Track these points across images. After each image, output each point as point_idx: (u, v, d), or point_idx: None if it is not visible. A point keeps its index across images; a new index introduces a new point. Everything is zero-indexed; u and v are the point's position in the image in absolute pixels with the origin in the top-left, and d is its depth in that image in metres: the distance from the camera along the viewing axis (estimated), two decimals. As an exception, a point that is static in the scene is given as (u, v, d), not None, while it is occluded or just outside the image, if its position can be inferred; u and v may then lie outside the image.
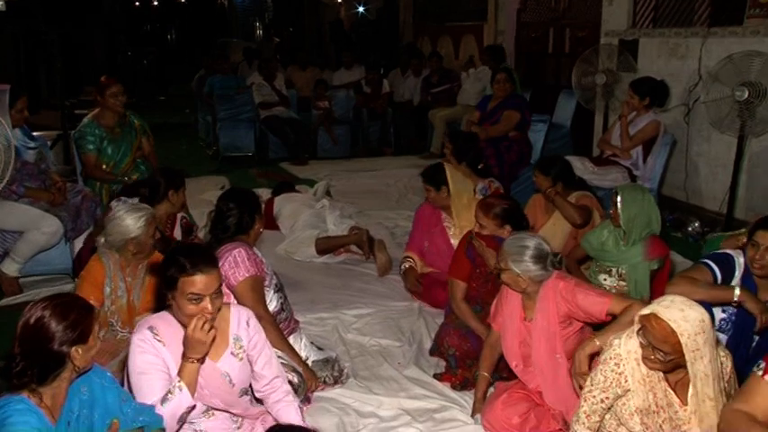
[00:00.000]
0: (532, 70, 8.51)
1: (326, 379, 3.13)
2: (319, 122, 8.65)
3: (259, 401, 2.45)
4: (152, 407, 2.17)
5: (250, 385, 2.41)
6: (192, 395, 2.18)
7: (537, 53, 8.52)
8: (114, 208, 3.30)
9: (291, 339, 3.11)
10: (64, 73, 9.53)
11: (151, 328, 2.24)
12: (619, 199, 3.32)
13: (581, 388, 2.41)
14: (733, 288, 2.72)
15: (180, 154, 8.52)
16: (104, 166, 4.76)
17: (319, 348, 3.31)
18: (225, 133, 8.23)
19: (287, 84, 9.15)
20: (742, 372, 2.69)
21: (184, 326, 2.20)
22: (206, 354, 2.21)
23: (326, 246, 4.87)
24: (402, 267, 4.22)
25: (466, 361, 3.26)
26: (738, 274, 2.82)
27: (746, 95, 4.40)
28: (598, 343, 2.49)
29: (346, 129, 8.81)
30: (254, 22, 21.51)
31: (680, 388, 2.20)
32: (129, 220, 3.07)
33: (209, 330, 2.14)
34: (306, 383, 2.87)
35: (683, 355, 2.04)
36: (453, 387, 3.17)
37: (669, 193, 5.75)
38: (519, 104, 6.10)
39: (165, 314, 2.30)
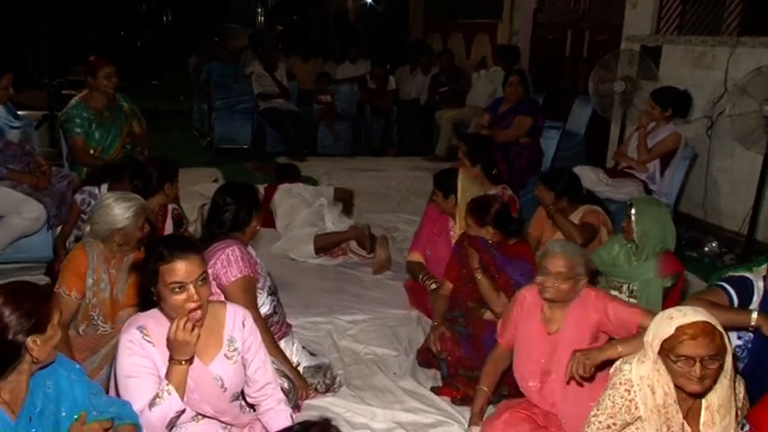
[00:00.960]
0: (547, 74, 8.52)
1: (318, 386, 3.14)
2: (320, 117, 8.66)
3: (250, 407, 2.45)
4: (124, 401, 2.16)
5: (242, 390, 2.40)
6: (182, 398, 2.17)
7: (553, 56, 8.53)
8: (103, 195, 3.32)
9: (282, 344, 3.12)
10: (52, 51, 9.53)
11: (141, 328, 2.23)
12: (633, 211, 3.33)
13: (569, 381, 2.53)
14: (750, 312, 2.72)
15: (172, 143, 8.51)
16: (92, 151, 4.76)
17: (312, 354, 3.32)
18: (220, 123, 8.23)
19: (288, 75, 9.16)
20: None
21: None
22: (193, 354, 2.20)
23: (325, 243, 4.89)
24: (426, 285, 4.11)
25: (458, 369, 3.27)
26: (757, 299, 2.81)
27: (775, 110, 4.42)
28: (620, 349, 2.47)
29: (348, 125, 8.83)
30: (256, 8, 21.50)
31: (691, 416, 2.20)
32: (118, 209, 3.06)
33: (192, 330, 2.13)
34: (296, 390, 2.87)
35: (724, 356, 2.06)
36: (453, 401, 3.18)
37: (686, 210, 5.75)
38: (532, 109, 6.11)
39: (154, 312, 2.28)
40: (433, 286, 3.99)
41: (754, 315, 2.68)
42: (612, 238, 3.64)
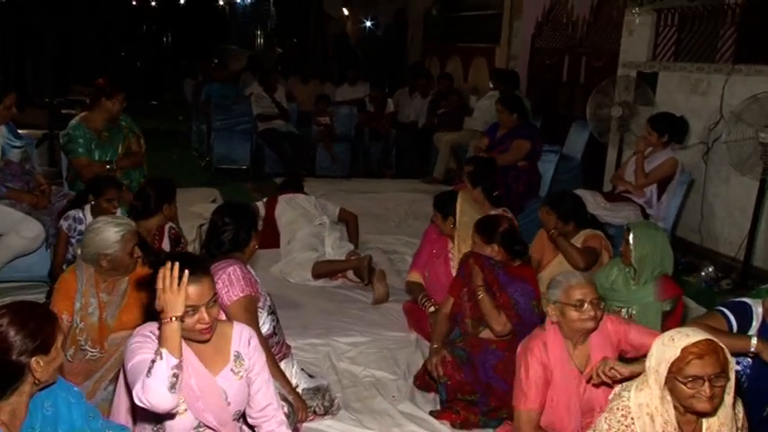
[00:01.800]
0: (544, 99, 8.58)
1: (316, 409, 3.11)
2: (319, 139, 8.69)
3: (251, 429, 2.43)
4: (122, 426, 2.13)
5: (244, 412, 2.39)
6: (179, 356, 2.07)
7: (550, 81, 8.60)
8: (95, 219, 3.31)
9: (283, 365, 3.10)
10: (52, 70, 9.56)
11: (152, 333, 2.21)
12: (631, 236, 3.33)
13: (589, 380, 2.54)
14: (750, 338, 2.72)
15: (171, 163, 8.52)
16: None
17: (310, 376, 3.30)
18: (219, 144, 8.26)
19: (287, 96, 9.22)
20: (757, 430, 2.70)
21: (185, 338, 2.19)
22: (183, 313, 2.12)
23: (324, 271, 4.87)
24: (424, 306, 4.09)
25: (457, 394, 3.24)
26: (756, 324, 2.81)
27: (771, 137, 4.45)
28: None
29: (346, 147, 8.85)
30: (255, 30, 21.66)
31: None
32: (106, 233, 3.04)
33: (179, 284, 2.09)
34: (296, 414, 2.85)
35: (729, 373, 2.07)
36: (453, 425, 3.15)
37: (683, 235, 5.77)
38: (530, 134, 6.15)
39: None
40: (432, 309, 3.97)
41: (754, 341, 2.69)
42: (610, 262, 3.63)
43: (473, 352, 3.30)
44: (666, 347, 2.13)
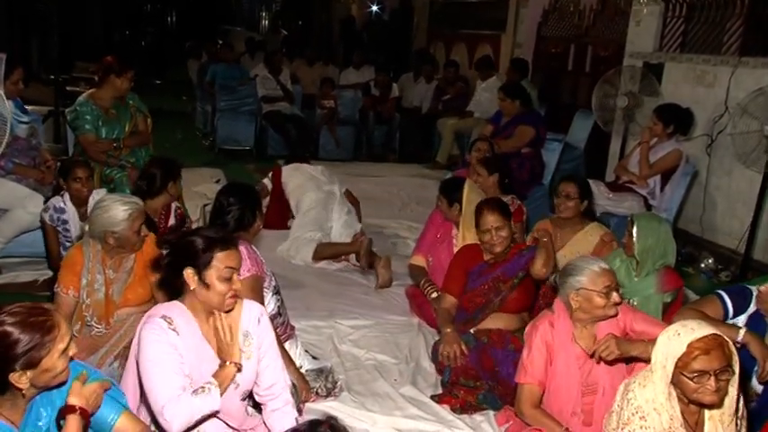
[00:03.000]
0: (549, 87, 8.53)
1: (319, 390, 3.11)
2: (323, 122, 8.66)
3: (256, 407, 2.43)
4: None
5: (251, 391, 2.39)
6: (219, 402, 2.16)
7: (555, 69, 8.55)
8: (103, 196, 3.30)
9: (287, 346, 3.11)
10: (57, 48, 9.53)
11: (164, 317, 2.20)
12: (635, 229, 3.32)
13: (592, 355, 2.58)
14: (738, 328, 2.71)
15: (174, 142, 8.50)
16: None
17: (314, 357, 3.30)
18: (224, 124, 8.24)
19: (291, 79, 9.17)
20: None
21: (196, 313, 2.25)
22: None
23: (325, 254, 4.87)
24: (427, 292, 4.07)
25: (460, 378, 3.25)
26: (751, 309, 2.84)
27: (776, 131, 4.43)
28: (650, 349, 2.42)
29: (351, 131, 8.82)
30: (260, 12, 21.55)
31: (697, 429, 2.20)
32: (113, 211, 3.03)
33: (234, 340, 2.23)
34: (299, 394, 2.85)
35: (733, 365, 2.08)
36: (453, 410, 3.16)
37: (684, 226, 5.76)
38: (534, 120, 6.12)
39: (176, 303, 2.29)
40: (434, 294, 3.95)
41: (742, 332, 2.69)
42: (613, 252, 3.61)
43: (497, 347, 3.30)
44: (672, 342, 2.13)
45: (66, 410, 1.93)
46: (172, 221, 4.02)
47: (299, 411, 2.92)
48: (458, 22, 11.05)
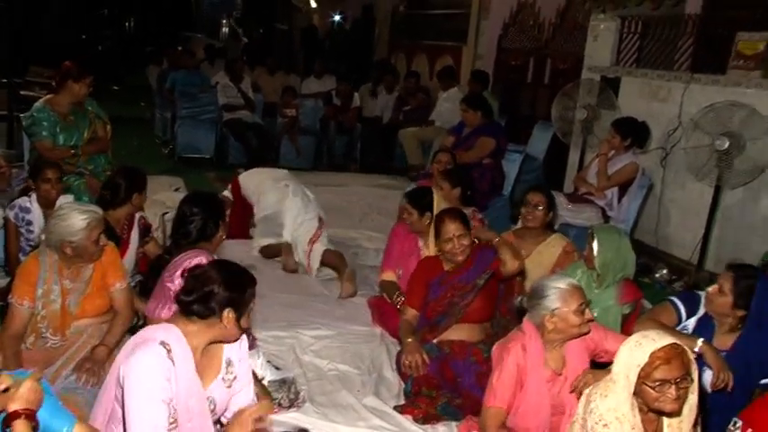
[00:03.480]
0: (509, 98, 8.66)
1: (282, 401, 3.09)
2: (284, 131, 8.62)
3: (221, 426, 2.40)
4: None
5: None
6: None
7: (515, 81, 8.69)
8: (62, 204, 3.24)
9: (248, 356, 3.06)
10: (10, 50, 9.29)
11: (163, 344, 2.09)
12: (595, 241, 3.37)
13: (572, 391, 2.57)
14: (695, 339, 2.81)
15: (133, 149, 8.36)
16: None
17: (276, 368, 3.28)
18: (184, 132, 8.15)
19: (252, 87, 9.12)
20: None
21: (204, 342, 2.21)
22: None
23: (271, 253, 4.98)
24: (399, 303, 4.01)
25: (422, 388, 3.27)
26: (701, 312, 2.97)
27: (726, 146, 4.56)
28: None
29: (311, 140, 8.80)
30: (221, 19, 21.39)
31: None
32: (72, 220, 2.97)
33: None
34: (261, 405, 2.82)
35: (692, 373, 2.13)
36: (416, 420, 3.16)
37: (639, 237, 5.88)
38: (495, 131, 6.20)
39: (172, 328, 2.18)
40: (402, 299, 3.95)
41: (699, 342, 2.79)
42: (573, 264, 3.66)
43: (458, 358, 3.32)
44: (634, 353, 2.17)
45: (9, 419, 1.84)
46: (135, 232, 3.95)
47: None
48: (419, 34, 11.15)
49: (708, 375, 2.81)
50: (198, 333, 2.18)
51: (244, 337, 2.38)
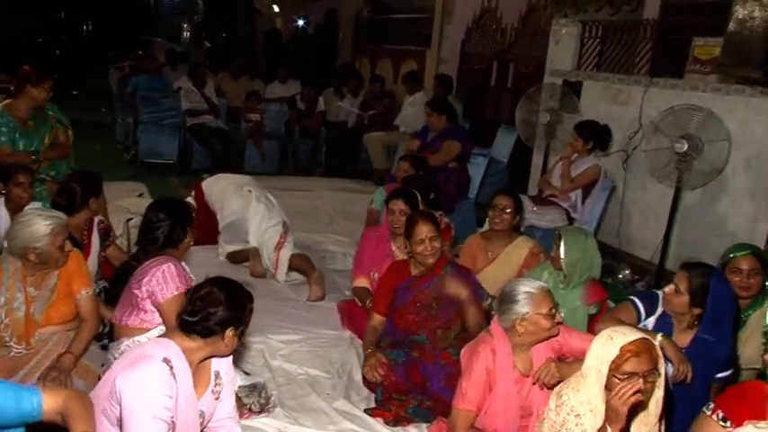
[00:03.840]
0: (472, 102, 8.75)
1: (252, 406, 3.08)
2: (248, 135, 8.58)
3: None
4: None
5: None
6: None
7: (478, 85, 8.78)
8: (25, 210, 3.19)
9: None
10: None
11: (167, 361, 2.13)
12: (562, 242, 3.42)
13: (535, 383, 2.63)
14: (655, 334, 2.87)
15: (94, 155, 8.22)
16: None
17: (246, 373, 3.27)
18: (146, 137, 8.06)
19: (216, 92, 9.06)
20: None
21: (199, 358, 2.25)
22: None
23: (238, 259, 4.97)
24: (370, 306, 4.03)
25: (392, 394, 3.29)
26: (659, 311, 3.04)
27: (685, 148, 4.67)
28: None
29: (276, 144, 8.78)
30: (182, 23, 21.18)
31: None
32: (35, 226, 2.94)
33: None
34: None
35: (659, 368, 2.20)
36: (386, 423, 3.18)
37: (602, 238, 5.97)
38: (460, 135, 6.26)
39: (171, 344, 2.21)
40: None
41: (659, 337, 2.84)
42: (540, 266, 3.72)
43: (427, 363, 3.34)
44: (606, 347, 2.24)
45: None
46: (95, 237, 3.90)
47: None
48: (383, 38, 11.21)
49: (669, 369, 2.89)
50: (197, 350, 2.23)
51: None
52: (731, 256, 3.27)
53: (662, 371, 2.25)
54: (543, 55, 7.06)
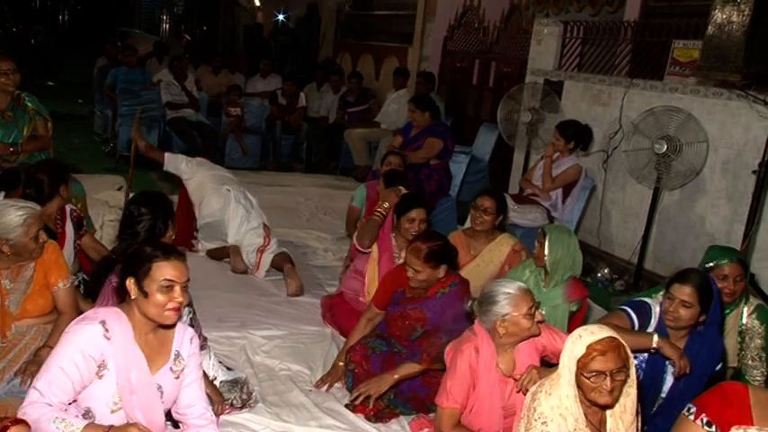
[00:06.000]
0: (454, 100, 8.78)
1: (234, 401, 3.09)
2: (229, 130, 8.54)
3: (175, 426, 2.40)
4: None
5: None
6: None
7: (460, 83, 8.81)
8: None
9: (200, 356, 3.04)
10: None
11: (103, 323, 2.20)
12: (546, 240, 3.45)
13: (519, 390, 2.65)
14: (652, 335, 2.92)
15: (72, 147, 8.16)
16: None
17: (228, 368, 3.26)
18: (125, 130, 7.94)
19: (196, 85, 8.99)
20: (650, 422, 2.92)
21: (134, 323, 2.26)
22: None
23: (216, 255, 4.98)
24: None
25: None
26: (654, 322, 3.04)
27: (665, 149, 4.74)
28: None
29: (257, 139, 8.75)
30: (161, 14, 20.98)
31: (601, 427, 2.35)
32: (8, 217, 2.90)
33: None
34: (214, 407, 2.81)
35: (629, 368, 2.23)
36: (367, 418, 3.20)
37: (582, 238, 6.01)
38: (442, 132, 6.26)
39: (116, 309, 2.29)
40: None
41: (655, 338, 2.89)
42: (522, 263, 3.76)
43: (405, 358, 3.33)
44: (575, 345, 2.28)
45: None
46: (69, 225, 3.84)
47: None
48: (365, 34, 11.20)
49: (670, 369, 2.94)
50: (131, 313, 2.28)
51: (194, 334, 2.45)
52: (718, 263, 3.28)
53: (632, 371, 2.28)
54: (525, 54, 7.10)
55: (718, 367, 2.99)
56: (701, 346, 2.93)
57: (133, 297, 2.25)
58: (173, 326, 2.34)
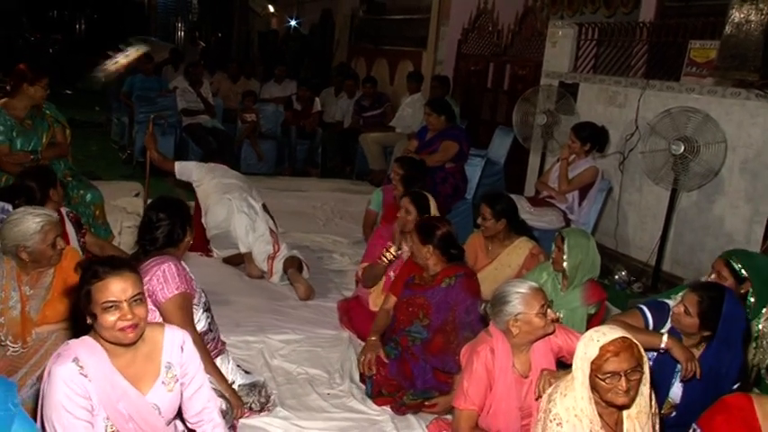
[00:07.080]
0: (469, 103, 8.78)
1: (253, 405, 3.10)
2: (245, 135, 8.59)
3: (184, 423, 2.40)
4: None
5: (179, 411, 2.35)
6: None
7: (475, 86, 8.81)
8: (17, 208, 3.18)
9: (218, 362, 3.07)
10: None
11: (76, 360, 2.09)
12: (566, 244, 3.44)
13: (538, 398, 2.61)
14: (662, 335, 2.90)
15: (90, 154, 8.25)
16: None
17: (246, 372, 3.28)
18: (142, 137, 7.99)
19: (212, 92, 9.06)
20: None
21: (109, 346, 2.15)
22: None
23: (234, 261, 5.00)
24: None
25: (382, 390, 3.34)
26: (668, 326, 3.02)
27: (682, 150, 4.72)
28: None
29: (272, 145, 8.79)
30: (176, 22, 21.15)
31: (617, 429, 2.34)
32: (25, 224, 2.94)
33: None
34: (233, 410, 2.83)
35: (643, 366, 2.21)
36: (392, 409, 3.28)
37: (599, 240, 5.96)
38: (458, 136, 6.26)
39: (87, 339, 2.16)
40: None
41: (665, 338, 2.87)
42: (539, 266, 3.75)
43: (415, 361, 3.38)
44: (588, 347, 2.27)
45: None
46: (69, 227, 3.87)
47: (234, 428, 2.91)
48: (379, 38, 11.22)
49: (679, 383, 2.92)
50: (101, 338, 2.16)
51: (185, 339, 2.30)
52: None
53: (646, 369, 2.27)
54: (540, 56, 7.09)
55: (736, 386, 2.89)
56: (719, 360, 2.87)
57: (89, 323, 2.15)
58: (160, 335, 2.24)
